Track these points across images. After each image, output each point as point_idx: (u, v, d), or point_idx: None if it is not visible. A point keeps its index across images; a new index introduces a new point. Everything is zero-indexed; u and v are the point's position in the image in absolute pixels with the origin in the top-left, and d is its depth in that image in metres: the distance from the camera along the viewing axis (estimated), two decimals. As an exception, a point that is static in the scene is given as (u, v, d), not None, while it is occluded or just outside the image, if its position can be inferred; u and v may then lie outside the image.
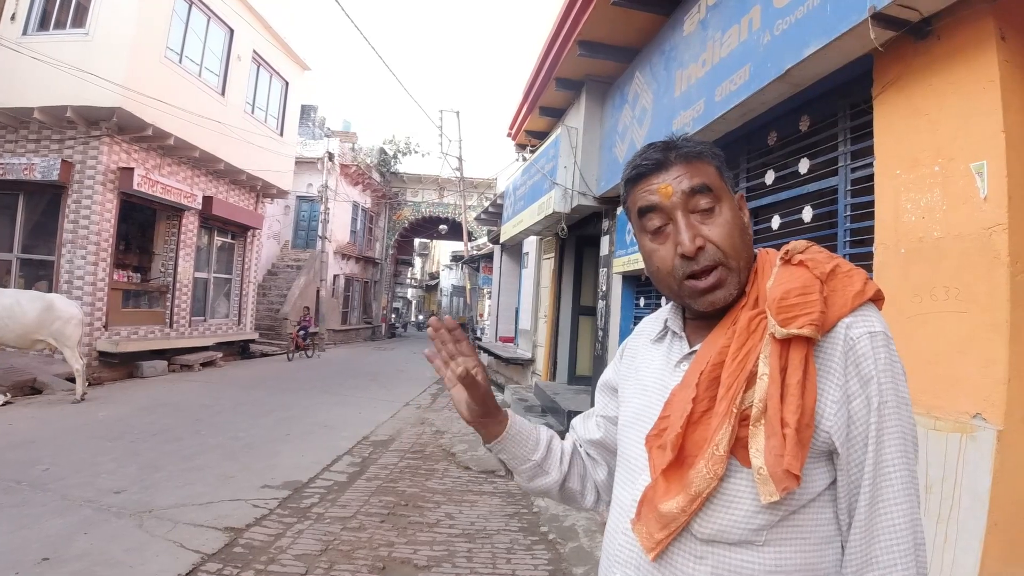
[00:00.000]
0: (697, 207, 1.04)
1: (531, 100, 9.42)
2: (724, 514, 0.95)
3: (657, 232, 1.07)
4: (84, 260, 11.32)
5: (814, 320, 0.92)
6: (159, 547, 4.12)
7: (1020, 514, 2.59)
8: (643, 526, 1.00)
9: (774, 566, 0.92)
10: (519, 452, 1.25)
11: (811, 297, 0.94)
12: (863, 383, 0.93)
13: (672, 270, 1.05)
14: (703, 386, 0.99)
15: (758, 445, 0.91)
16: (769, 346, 0.95)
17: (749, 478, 0.93)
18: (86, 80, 10.37)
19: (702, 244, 1.02)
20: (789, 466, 0.88)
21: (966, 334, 2.66)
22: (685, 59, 5.01)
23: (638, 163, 1.10)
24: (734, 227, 1.04)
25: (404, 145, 29.85)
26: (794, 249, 1.03)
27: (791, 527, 0.93)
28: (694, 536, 0.96)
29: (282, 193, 18.25)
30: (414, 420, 9.36)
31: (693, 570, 0.96)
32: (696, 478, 0.94)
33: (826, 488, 0.95)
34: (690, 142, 1.09)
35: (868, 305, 0.99)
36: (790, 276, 0.99)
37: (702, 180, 1.04)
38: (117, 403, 9.11)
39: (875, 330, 0.95)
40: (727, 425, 0.94)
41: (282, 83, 17.72)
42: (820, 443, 0.93)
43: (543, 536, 4.74)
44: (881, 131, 3.22)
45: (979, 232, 2.62)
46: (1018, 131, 2.60)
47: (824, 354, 0.95)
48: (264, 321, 19.89)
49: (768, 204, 4.42)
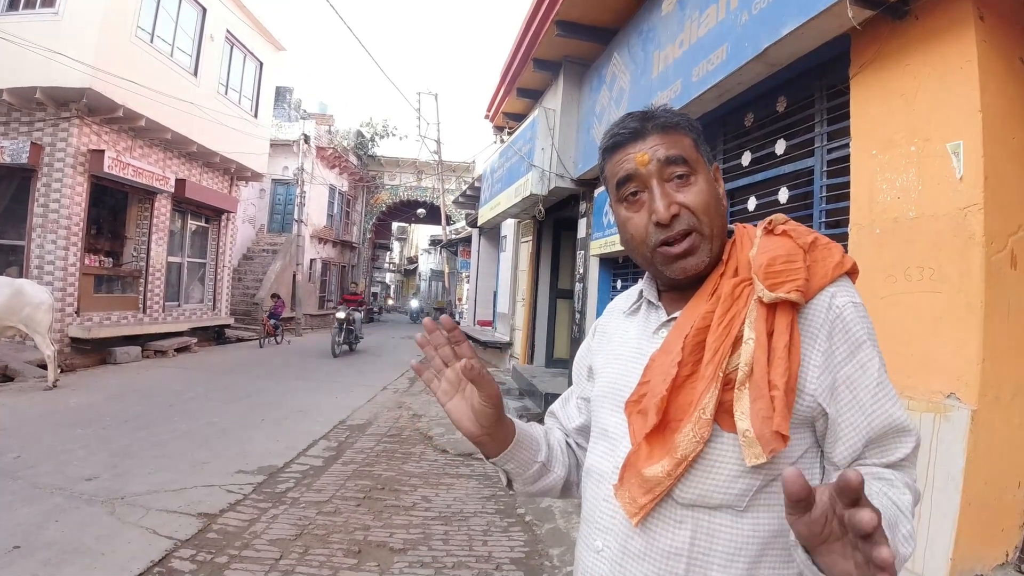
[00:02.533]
0: (673, 176, 1.04)
1: (509, 81, 9.35)
2: (706, 478, 0.95)
3: (633, 200, 1.07)
4: (55, 245, 11.07)
5: (800, 286, 0.94)
6: (131, 534, 4.06)
7: (994, 493, 2.62)
8: (626, 491, 1.00)
9: (751, 531, 0.94)
10: (527, 457, 1.16)
11: (796, 264, 0.96)
12: (853, 348, 0.95)
13: (646, 237, 1.05)
14: (688, 350, 0.99)
15: (743, 408, 0.92)
16: (755, 311, 0.95)
17: (731, 442, 0.94)
18: (55, 61, 10.09)
19: (676, 212, 1.02)
20: (778, 427, 0.89)
21: (940, 314, 2.67)
22: (663, 39, 4.97)
23: (615, 132, 1.10)
24: (709, 196, 1.05)
25: (382, 128, 29.55)
26: (776, 220, 1.05)
27: (770, 493, 0.94)
28: (675, 501, 0.97)
29: (257, 176, 17.96)
30: (391, 404, 9.31)
31: (673, 534, 0.97)
32: (682, 442, 0.94)
33: (805, 452, 0.97)
34: (668, 112, 1.10)
35: (845, 277, 1.01)
36: (775, 244, 1.00)
37: (678, 150, 1.05)
38: (89, 390, 8.96)
39: (857, 301, 0.98)
40: (714, 389, 0.94)
41: (256, 64, 17.39)
42: (804, 408, 0.95)
43: (520, 518, 4.74)
44: (857, 112, 3.22)
45: (954, 212, 2.62)
46: (995, 111, 2.60)
47: (807, 321, 0.96)
48: (240, 306, 19.65)
49: (745, 185, 4.41)
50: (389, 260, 52.51)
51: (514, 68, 8.75)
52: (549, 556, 4.07)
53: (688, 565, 0.95)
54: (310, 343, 18.67)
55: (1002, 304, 2.55)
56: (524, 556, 4.09)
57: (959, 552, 2.54)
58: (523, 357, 11.27)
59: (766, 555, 0.94)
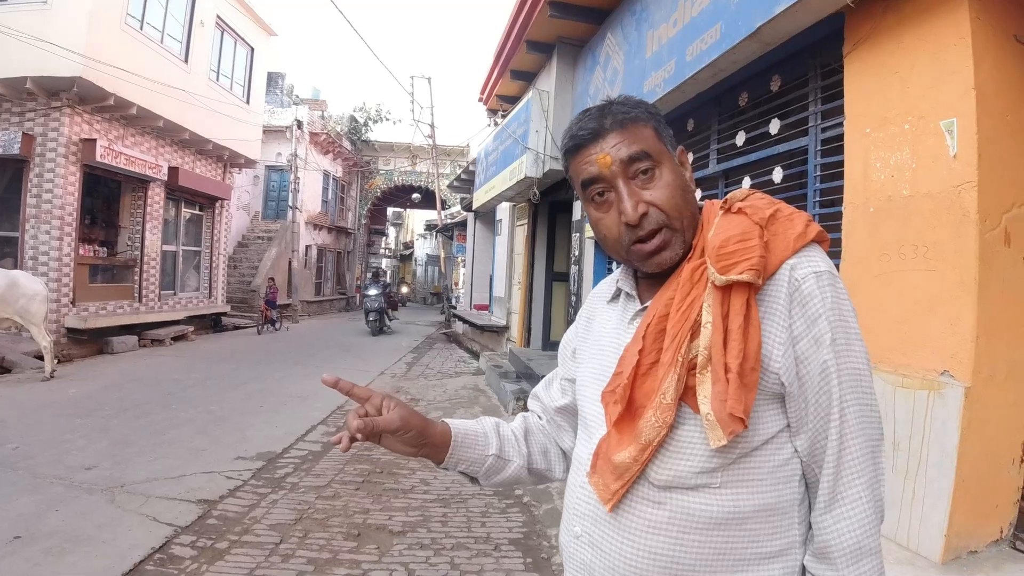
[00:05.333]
0: (637, 172, 1.03)
1: (502, 63, 9.29)
2: (679, 460, 0.97)
3: (601, 201, 1.07)
4: (48, 235, 11.02)
5: (753, 265, 0.92)
6: (132, 521, 4.08)
7: (987, 470, 2.64)
8: (599, 478, 1.02)
9: (731, 508, 0.95)
10: (475, 454, 1.22)
11: (750, 243, 0.94)
12: (810, 323, 0.94)
13: (619, 237, 1.05)
14: (650, 338, 1.00)
15: (705, 392, 0.93)
16: (712, 295, 0.95)
17: (701, 424, 0.94)
18: (45, 50, 9.99)
19: (645, 211, 1.02)
20: (732, 409, 0.89)
21: (934, 292, 2.68)
22: (656, 19, 4.94)
23: (575, 132, 1.09)
24: (675, 188, 1.04)
25: (375, 113, 29.32)
26: (734, 198, 1.04)
27: (745, 469, 0.96)
28: (651, 484, 0.98)
29: (250, 163, 17.89)
30: (389, 389, 9.31)
31: (652, 517, 0.98)
32: (645, 427, 0.96)
33: (780, 430, 0.97)
34: (625, 105, 1.08)
35: (812, 246, 0.99)
36: (729, 224, 0.99)
37: (639, 146, 1.03)
38: (87, 380, 8.97)
39: (820, 270, 0.96)
40: (673, 374, 0.95)
41: (247, 49, 17.24)
42: (770, 384, 0.95)
43: (517, 499, 4.77)
44: (851, 90, 3.21)
45: (948, 190, 2.62)
46: (989, 88, 2.59)
47: (769, 297, 0.96)
48: (236, 294, 19.63)
49: (739, 166, 4.41)
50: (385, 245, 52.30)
51: (507, 50, 8.69)
52: (547, 536, 4.10)
53: (667, 544, 0.96)
54: (308, 330, 18.68)
55: (996, 282, 2.56)
56: (522, 537, 4.12)
57: (953, 529, 2.56)
58: (519, 340, 11.29)
59: (747, 529, 0.95)
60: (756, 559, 0.95)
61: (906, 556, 2.66)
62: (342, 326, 20.94)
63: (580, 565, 1.08)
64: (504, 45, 8.73)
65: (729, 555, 0.95)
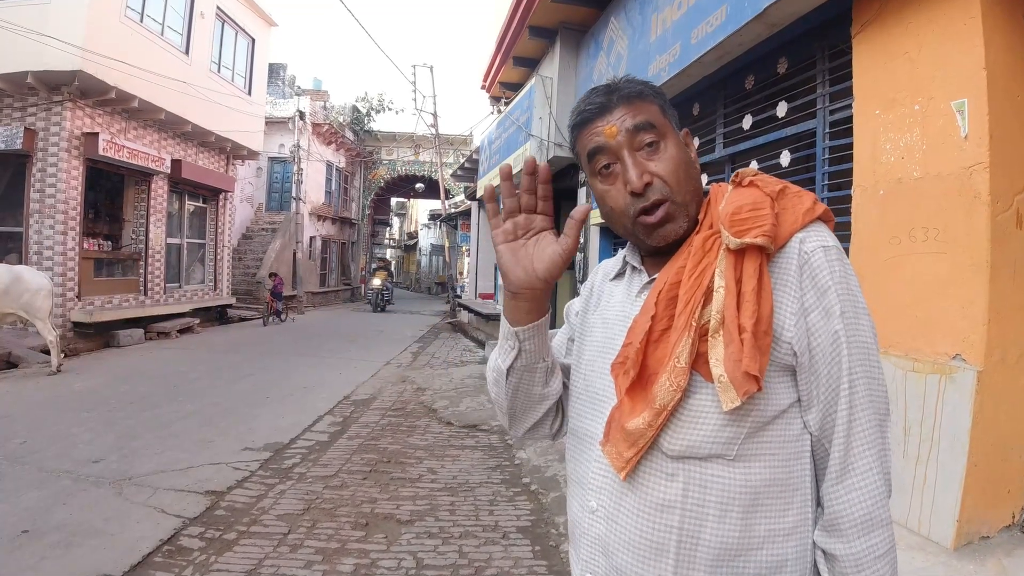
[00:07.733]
0: (642, 144, 1.05)
1: (505, 50, 9.23)
2: (692, 429, 0.97)
3: (607, 174, 1.08)
4: (52, 230, 11.02)
5: (766, 231, 0.94)
6: (140, 514, 4.09)
7: (999, 454, 2.61)
8: (612, 446, 1.02)
9: (744, 481, 0.95)
10: (542, 347, 1.14)
11: (763, 211, 0.96)
12: (820, 294, 0.95)
13: (625, 208, 1.06)
14: (661, 305, 1.01)
15: (717, 355, 0.93)
16: (724, 260, 0.97)
17: (713, 393, 0.95)
18: (45, 44, 9.95)
19: (649, 180, 1.03)
20: (747, 368, 0.90)
21: (945, 275, 2.64)
22: (661, 2, 4.88)
23: (582, 108, 1.10)
24: (679, 162, 1.05)
25: (377, 102, 29.23)
26: (744, 173, 1.05)
27: (759, 443, 0.96)
28: (664, 454, 0.98)
29: (253, 154, 17.85)
30: (395, 379, 9.33)
31: (665, 488, 0.98)
32: (660, 392, 0.96)
33: (791, 404, 0.98)
34: (632, 83, 1.10)
35: (818, 223, 1.01)
36: (741, 195, 1.01)
37: (645, 117, 1.05)
38: (93, 373, 8.98)
39: (828, 244, 0.98)
40: (687, 338, 0.96)
41: (248, 40, 17.17)
42: (782, 355, 0.96)
43: (525, 487, 4.76)
44: (860, 71, 3.16)
45: (959, 171, 2.58)
46: (1000, 68, 2.55)
47: (779, 268, 0.98)
48: (241, 286, 19.62)
49: (746, 149, 4.37)
50: (389, 236, 52.35)
51: (509, 36, 8.62)
52: (555, 524, 4.09)
53: (682, 518, 0.96)
54: (313, 321, 18.71)
55: (1008, 264, 2.52)
56: (530, 525, 4.12)
57: (965, 514, 2.54)
58: (526, 329, 11.25)
59: (760, 504, 0.95)
60: (771, 536, 0.96)
61: (917, 542, 2.64)
62: (347, 316, 20.99)
63: (594, 540, 1.07)
64: (506, 31, 8.66)
65: (745, 531, 0.95)
